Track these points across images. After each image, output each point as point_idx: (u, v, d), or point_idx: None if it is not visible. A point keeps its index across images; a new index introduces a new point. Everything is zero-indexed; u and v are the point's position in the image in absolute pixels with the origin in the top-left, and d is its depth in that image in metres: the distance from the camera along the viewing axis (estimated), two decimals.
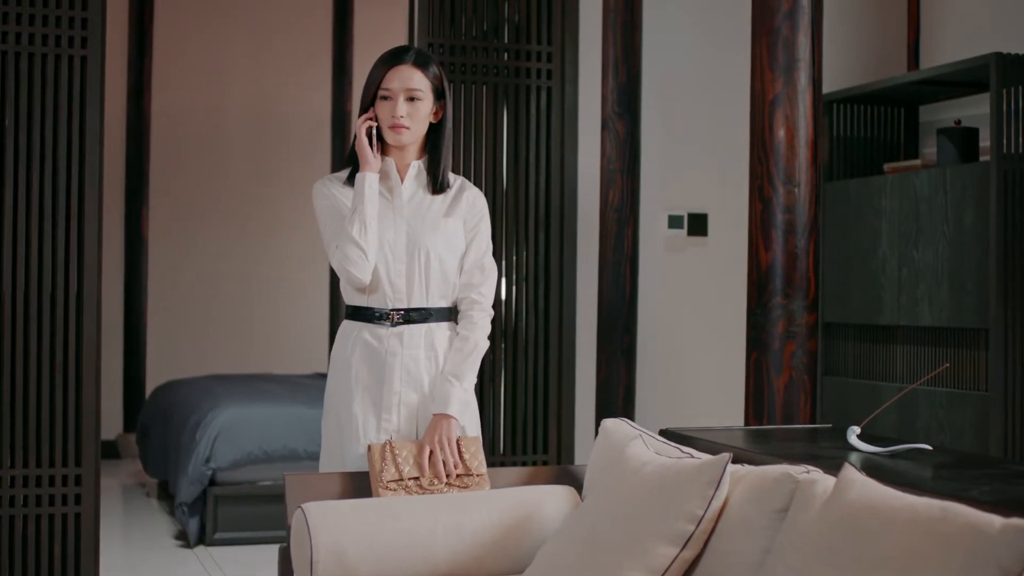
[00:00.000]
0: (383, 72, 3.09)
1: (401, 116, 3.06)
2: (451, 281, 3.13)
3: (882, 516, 2.01)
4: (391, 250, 3.08)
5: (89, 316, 4.16)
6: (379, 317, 3.10)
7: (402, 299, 3.09)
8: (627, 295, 4.81)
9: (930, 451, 2.71)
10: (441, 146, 3.16)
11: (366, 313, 3.12)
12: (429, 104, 3.11)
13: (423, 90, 3.08)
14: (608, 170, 4.82)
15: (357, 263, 3.05)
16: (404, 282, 3.09)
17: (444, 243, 3.11)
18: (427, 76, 3.09)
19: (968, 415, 4.28)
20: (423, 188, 3.15)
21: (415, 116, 3.08)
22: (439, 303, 3.12)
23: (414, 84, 3.07)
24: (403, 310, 3.09)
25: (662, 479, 2.52)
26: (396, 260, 3.08)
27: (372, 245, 3.05)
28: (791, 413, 3.68)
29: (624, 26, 4.79)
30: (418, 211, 3.13)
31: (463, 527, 2.78)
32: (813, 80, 3.71)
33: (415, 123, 3.09)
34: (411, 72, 3.08)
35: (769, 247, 3.70)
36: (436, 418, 3.04)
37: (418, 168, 3.16)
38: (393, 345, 3.07)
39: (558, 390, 4.76)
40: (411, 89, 3.07)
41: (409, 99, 3.07)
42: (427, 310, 3.10)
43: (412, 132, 3.09)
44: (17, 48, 4.09)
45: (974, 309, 4.27)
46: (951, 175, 4.39)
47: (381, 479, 2.93)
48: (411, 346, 3.08)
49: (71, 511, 4.15)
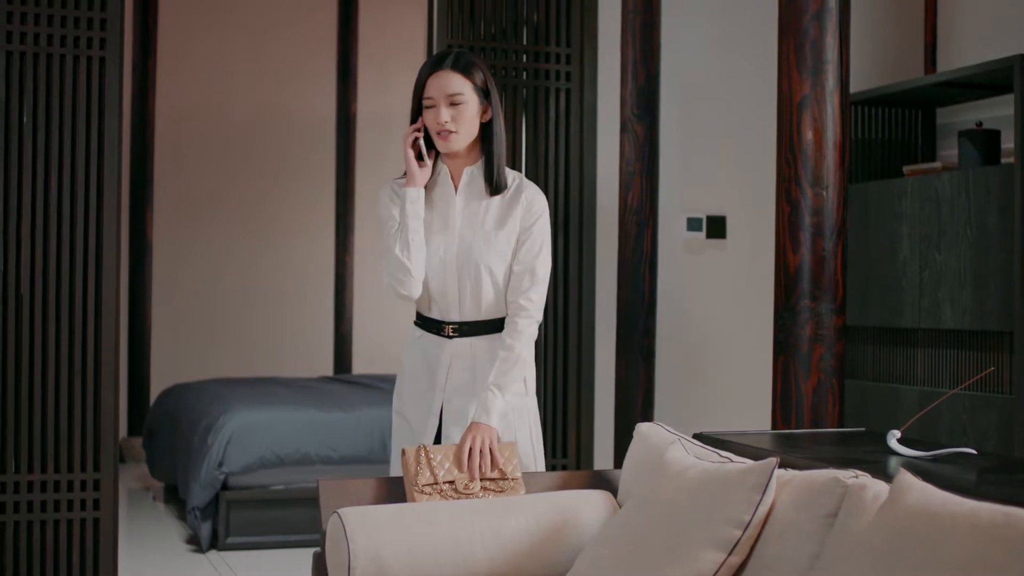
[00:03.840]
0: (424, 80, 3.08)
1: (445, 122, 3.03)
2: (504, 292, 3.11)
3: (943, 522, 1.98)
4: (443, 264, 3.08)
5: (108, 319, 4.13)
6: (436, 328, 3.14)
7: (455, 313, 3.10)
8: (646, 297, 4.78)
9: (975, 455, 2.68)
10: (494, 146, 3.11)
11: (426, 322, 3.16)
12: (474, 106, 3.07)
13: (464, 93, 3.05)
14: (627, 172, 4.79)
15: (402, 280, 3.06)
16: (457, 297, 3.09)
17: (497, 256, 3.08)
18: (467, 78, 3.05)
19: (992, 419, 4.26)
20: (479, 194, 3.12)
21: (460, 120, 3.05)
22: (494, 315, 3.12)
23: (454, 88, 3.04)
24: (456, 323, 3.11)
25: (706, 484, 2.50)
26: (448, 275, 3.08)
27: (417, 261, 3.05)
28: (819, 417, 3.66)
29: (643, 28, 4.76)
30: (471, 223, 3.10)
31: (501, 532, 2.75)
32: (841, 82, 3.69)
33: (461, 127, 3.05)
34: (450, 77, 3.05)
35: (797, 250, 3.68)
36: (474, 424, 3.02)
37: (471, 175, 3.13)
38: (445, 358, 3.11)
39: (577, 392, 4.74)
40: (451, 94, 3.04)
41: (451, 104, 3.04)
42: (480, 322, 3.11)
43: (460, 136, 3.06)
44: (36, 49, 4.06)
45: (998, 312, 4.25)
46: (974, 177, 4.37)
47: (416, 483, 2.90)
48: (461, 357, 3.10)
49: (89, 516, 4.12)
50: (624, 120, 4.79)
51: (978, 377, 4.28)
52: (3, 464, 4.04)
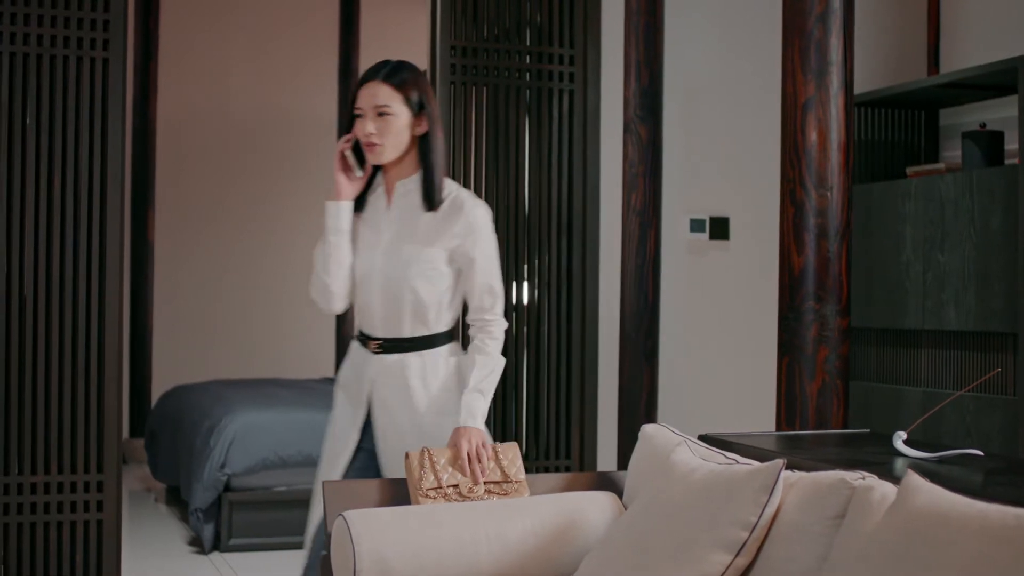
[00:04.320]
0: (355, 91, 3.05)
1: (370, 134, 2.99)
2: (431, 311, 3.06)
3: (952, 524, 1.98)
4: (368, 280, 3.06)
5: (111, 320, 4.13)
6: (364, 342, 3.12)
7: (378, 329, 3.07)
8: (649, 299, 4.78)
9: (981, 457, 2.68)
10: (430, 160, 3.04)
11: (360, 335, 3.15)
12: (403, 119, 3.01)
13: (391, 106, 2.99)
14: (630, 173, 4.78)
15: (322, 294, 3.10)
16: (380, 313, 3.06)
17: (421, 275, 3.02)
18: (398, 91, 3.00)
19: (996, 420, 4.25)
20: (413, 208, 3.06)
21: (385, 133, 2.99)
22: (419, 332, 3.07)
23: (380, 100, 2.99)
24: (380, 340, 3.08)
25: (713, 486, 2.49)
26: (373, 291, 3.06)
27: (337, 279, 3.05)
28: (824, 418, 3.66)
29: (646, 29, 4.76)
30: (400, 238, 3.06)
31: (506, 535, 2.74)
32: (845, 83, 3.68)
33: (387, 140, 2.99)
34: (379, 89, 3.00)
35: (801, 251, 3.67)
36: (461, 430, 3.00)
37: (405, 188, 3.07)
38: (370, 373, 3.08)
39: (580, 394, 4.73)
40: (378, 106, 2.99)
41: (378, 115, 2.99)
42: (404, 340, 3.06)
43: (385, 149, 3.01)
44: (39, 50, 4.06)
45: (1002, 313, 4.24)
46: (978, 179, 4.36)
47: (420, 487, 2.90)
48: (385, 375, 3.06)
49: (92, 518, 4.12)
50: (627, 121, 4.78)
51: (986, 378, 4.27)
52: (6, 465, 4.03)
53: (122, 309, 4.15)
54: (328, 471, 3.15)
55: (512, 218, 4.66)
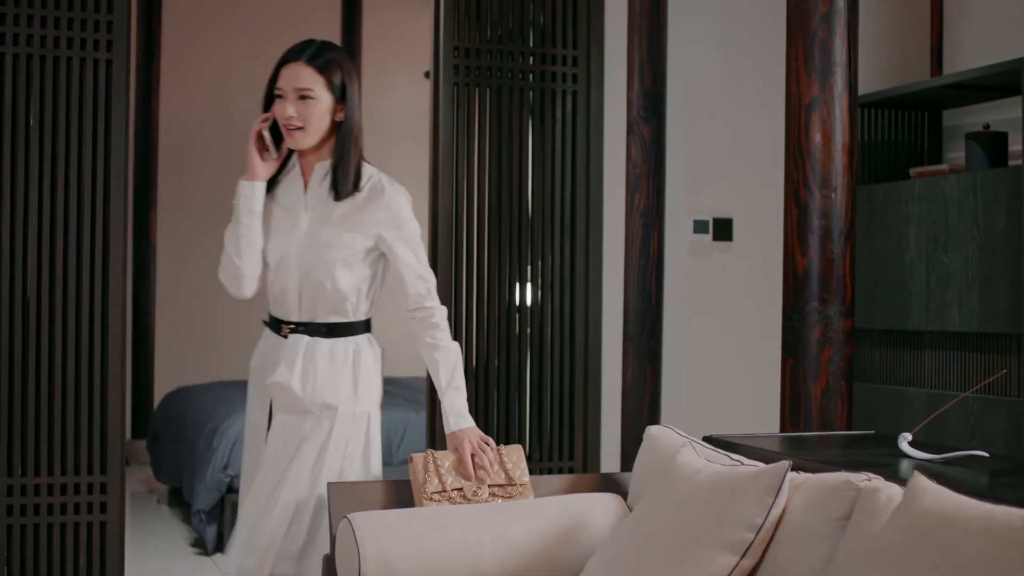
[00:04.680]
0: (277, 69, 2.95)
1: (291, 117, 2.89)
2: (349, 299, 2.96)
3: (958, 525, 1.98)
4: (284, 264, 2.96)
5: (114, 321, 4.12)
6: (276, 328, 3.04)
7: (293, 314, 2.98)
8: (652, 300, 4.77)
9: (987, 458, 2.68)
10: (344, 149, 2.93)
11: (271, 321, 3.06)
12: (325, 104, 2.91)
13: (314, 89, 2.89)
14: (633, 174, 4.78)
15: (233, 278, 3.01)
16: (296, 298, 2.97)
17: (340, 261, 2.93)
18: (321, 74, 2.90)
19: (1000, 421, 4.25)
20: (326, 193, 2.96)
21: (307, 117, 2.89)
22: (332, 319, 2.98)
23: (303, 83, 2.89)
24: (294, 323, 2.98)
25: (718, 487, 2.49)
26: (289, 276, 2.96)
27: (249, 262, 2.96)
28: (828, 420, 3.65)
29: (649, 29, 4.76)
30: (320, 223, 2.95)
31: (511, 537, 2.74)
32: (849, 84, 3.68)
33: (308, 124, 2.90)
34: (301, 70, 2.90)
35: (805, 252, 3.67)
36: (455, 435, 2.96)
37: (326, 170, 2.97)
38: (278, 356, 2.99)
39: (584, 396, 4.73)
40: (300, 88, 2.89)
41: (300, 98, 2.89)
42: (318, 324, 2.97)
43: (307, 134, 2.91)
44: (43, 51, 4.05)
45: (1005, 314, 4.24)
46: (982, 179, 4.36)
47: (424, 490, 2.89)
48: (297, 354, 2.96)
49: (96, 519, 4.11)
50: (630, 122, 4.78)
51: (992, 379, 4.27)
52: (10, 467, 4.03)
53: (125, 310, 4.14)
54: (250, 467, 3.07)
55: (515, 219, 4.66)
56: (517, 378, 4.65)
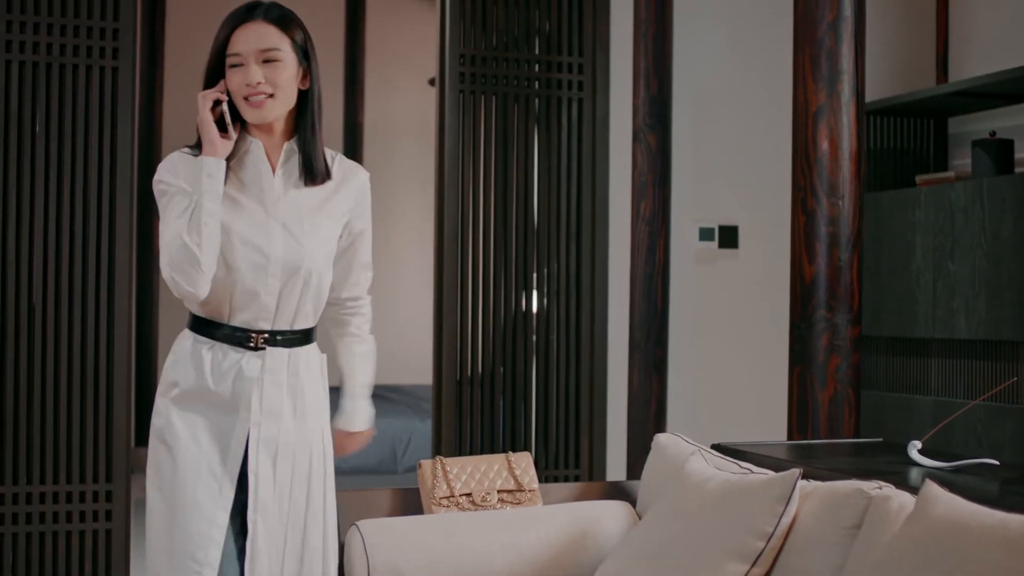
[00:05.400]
0: (227, 33, 2.46)
1: (259, 83, 2.43)
2: (324, 297, 2.59)
3: (972, 533, 1.97)
4: (257, 262, 2.45)
5: (120, 329, 4.12)
6: (237, 340, 2.49)
7: (265, 321, 2.49)
8: (659, 307, 4.77)
9: (997, 466, 2.67)
10: (313, 122, 2.53)
11: (221, 331, 2.50)
12: (292, 67, 2.48)
13: (282, 49, 2.46)
14: (639, 182, 4.78)
15: (189, 275, 2.41)
16: (274, 302, 2.48)
17: (324, 255, 2.54)
18: (285, 33, 2.48)
19: (1007, 429, 4.24)
20: (298, 177, 2.52)
21: (277, 81, 2.45)
22: (306, 324, 2.58)
23: (269, 43, 2.45)
24: (267, 332, 2.49)
25: (728, 495, 2.48)
26: (268, 276, 2.46)
27: (209, 252, 2.40)
28: (836, 427, 3.64)
29: (655, 37, 4.76)
30: (296, 212, 2.51)
31: (520, 544, 2.74)
32: (856, 92, 3.68)
33: (279, 90, 2.46)
34: (264, 29, 2.45)
35: (813, 260, 3.66)
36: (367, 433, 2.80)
37: (290, 151, 2.53)
38: (252, 370, 2.47)
39: (590, 403, 4.72)
40: (265, 49, 2.44)
41: (265, 62, 2.44)
42: (292, 333, 2.54)
43: (277, 102, 2.47)
44: (48, 59, 4.06)
45: (1012, 322, 4.23)
46: (988, 187, 4.35)
47: (433, 496, 2.89)
48: (274, 372, 2.50)
49: (101, 527, 4.11)
50: (636, 129, 4.78)
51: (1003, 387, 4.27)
52: (15, 475, 4.03)
53: (131, 318, 4.14)
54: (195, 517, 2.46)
55: (521, 227, 4.66)
56: (523, 385, 4.64)
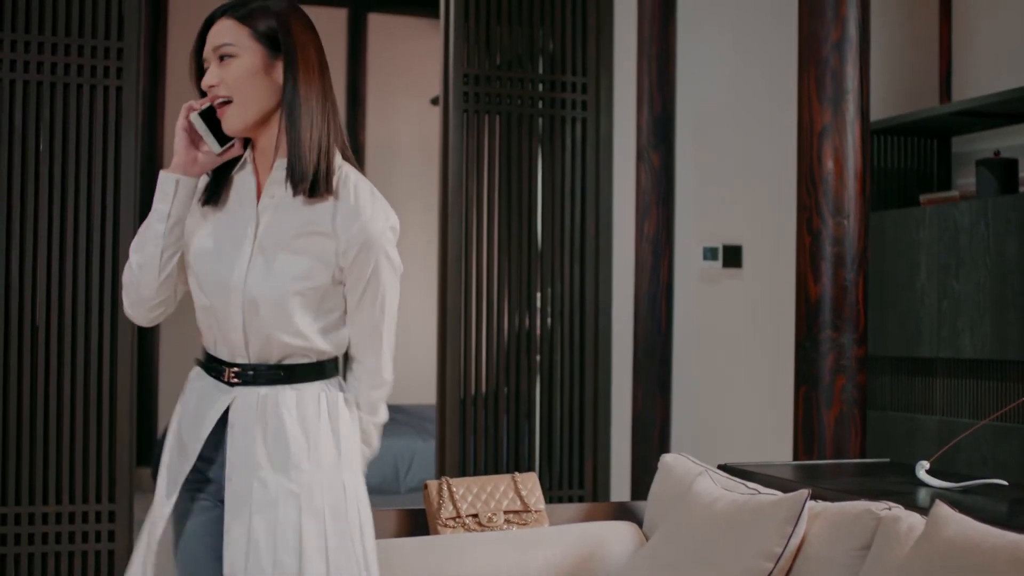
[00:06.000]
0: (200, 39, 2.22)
1: (211, 85, 2.15)
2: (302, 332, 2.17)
3: (983, 554, 1.96)
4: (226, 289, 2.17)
5: (123, 350, 4.11)
6: (216, 372, 2.24)
7: (240, 354, 2.20)
8: (662, 327, 4.76)
9: (1006, 486, 2.66)
10: (295, 123, 2.15)
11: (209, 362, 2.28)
12: (251, 61, 2.15)
13: (235, 44, 2.14)
14: (643, 201, 4.78)
15: (128, 294, 2.26)
16: (241, 335, 2.18)
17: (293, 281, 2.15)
18: (244, 24, 2.16)
19: (1013, 448, 4.22)
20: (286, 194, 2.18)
21: (229, 79, 2.14)
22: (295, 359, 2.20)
23: (221, 39, 2.15)
24: (240, 366, 2.20)
25: (736, 516, 2.47)
26: (232, 305, 2.17)
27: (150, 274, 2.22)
28: (841, 447, 3.63)
29: (659, 56, 4.76)
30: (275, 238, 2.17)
31: (527, 565, 2.72)
32: (861, 111, 3.68)
33: (236, 91, 2.15)
34: (220, 25, 2.17)
35: (818, 280, 3.66)
36: None
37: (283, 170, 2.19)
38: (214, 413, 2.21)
39: (594, 423, 4.71)
40: (219, 46, 2.15)
41: (220, 59, 2.16)
42: (273, 368, 2.19)
43: (238, 105, 2.15)
44: (53, 78, 4.06)
45: (1017, 341, 4.22)
46: (993, 206, 4.35)
47: (439, 517, 2.87)
48: (247, 412, 2.18)
49: (104, 548, 4.09)
50: (640, 149, 4.78)
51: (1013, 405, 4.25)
52: (18, 496, 4.01)
53: (134, 338, 4.13)
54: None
55: (524, 246, 4.65)
56: (527, 405, 4.63)
